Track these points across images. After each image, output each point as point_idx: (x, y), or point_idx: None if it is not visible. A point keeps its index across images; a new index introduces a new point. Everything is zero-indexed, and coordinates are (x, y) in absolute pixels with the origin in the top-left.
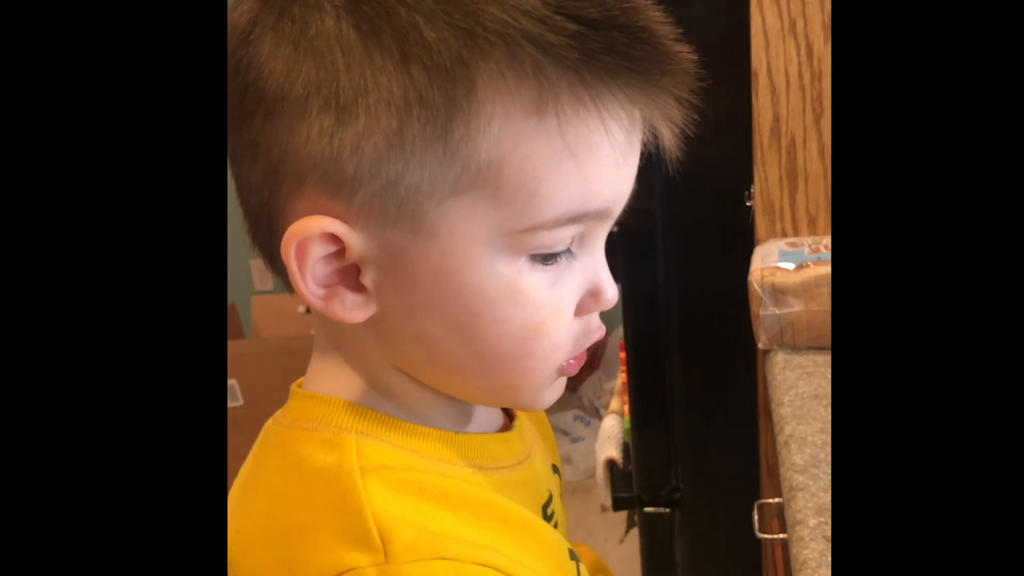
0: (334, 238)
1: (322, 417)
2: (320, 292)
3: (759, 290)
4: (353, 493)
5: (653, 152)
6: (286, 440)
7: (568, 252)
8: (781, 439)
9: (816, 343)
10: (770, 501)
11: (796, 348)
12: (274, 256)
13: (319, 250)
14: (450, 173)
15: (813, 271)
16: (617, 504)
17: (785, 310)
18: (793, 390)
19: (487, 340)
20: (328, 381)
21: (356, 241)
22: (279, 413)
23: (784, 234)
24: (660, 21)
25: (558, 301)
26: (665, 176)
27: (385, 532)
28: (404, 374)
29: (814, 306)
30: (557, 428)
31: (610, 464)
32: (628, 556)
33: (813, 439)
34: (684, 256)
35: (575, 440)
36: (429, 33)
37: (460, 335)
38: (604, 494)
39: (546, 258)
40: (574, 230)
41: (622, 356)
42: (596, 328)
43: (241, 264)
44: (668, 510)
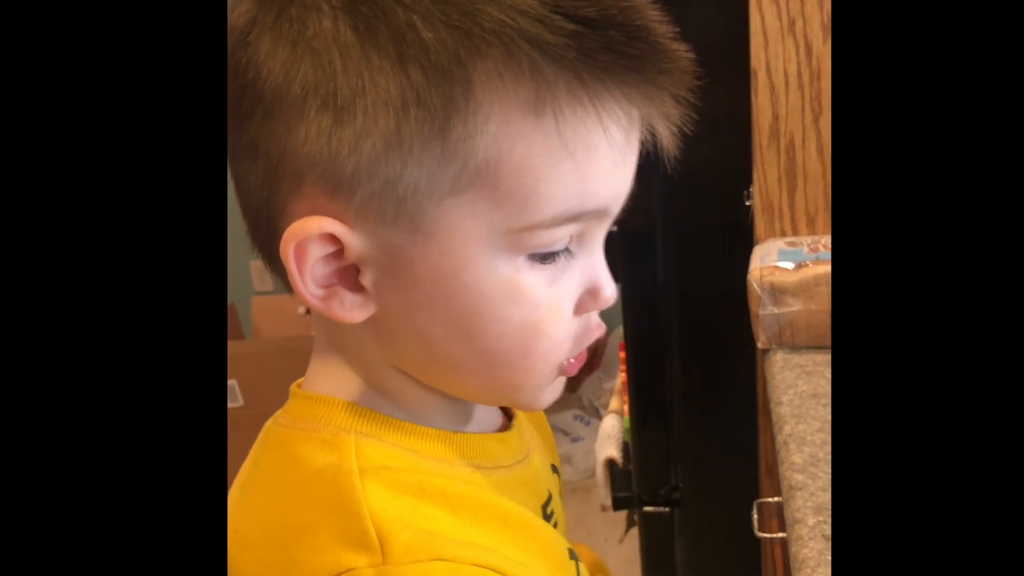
0: (333, 238)
1: (321, 417)
2: (319, 292)
3: (758, 289)
4: (351, 494)
5: (652, 152)
6: (285, 440)
7: (567, 251)
8: (780, 438)
9: (815, 342)
10: (769, 500)
11: (795, 347)
12: (274, 256)
13: (318, 250)
14: (448, 173)
15: (812, 270)
16: (617, 504)
17: (784, 309)
18: (792, 389)
19: (486, 339)
20: (327, 381)
21: (355, 241)
22: (278, 413)
23: (783, 233)
24: (657, 20)
25: (557, 300)
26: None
27: (383, 533)
28: (403, 374)
29: (813, 305)
30: (557, 428)
31: (610, 464)
32: (628, 555)
33: (812, 438)
34: (684, 256)
35: (575, 440)
36: (426, 33)
37: (459, 334)
38: (604, 494)
39: (544, 257)
40: (572, 229)
41: (622, 356)
42: (596, 326)
43: (241, 264)
44: (668, 509)
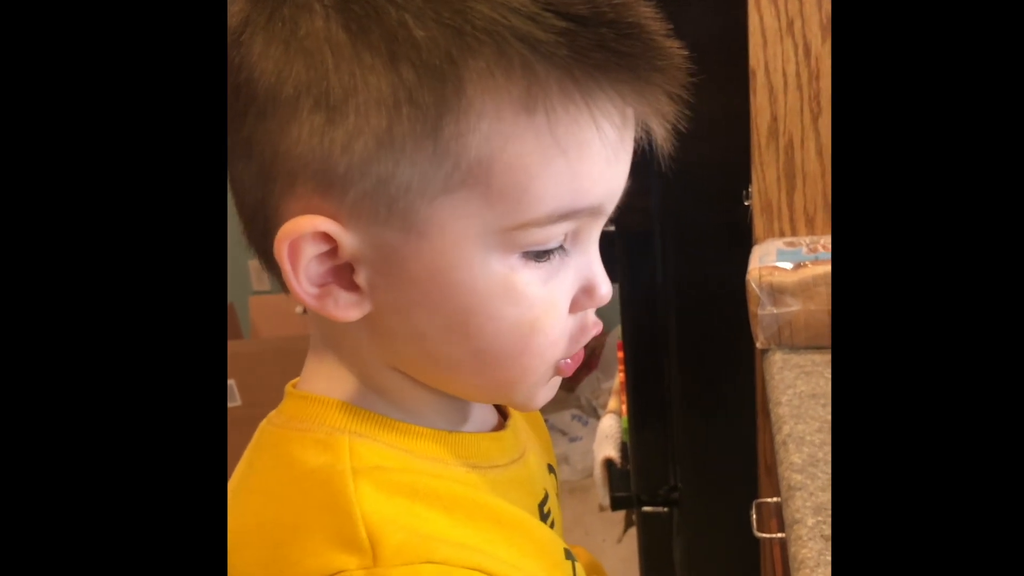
0: (326, 237)
1: (315, 417)
2: (314, 291)
3: (757, 289)
4: (344, 495)
5: (649, 150)
6: (279, 440)
7: (561, 249)
8: (779, 438)
9: (814, 342)
10: (768, 500)
11: (794, 347)
12: (269, 255)
13: (312, 249)
14: (440, 171)
15: (811, 270)
16: (615, 503)
17: (783, 309)
18: (791, 389)
19: (482, 338)
20: (322, 381)
21: (348, 240)
22: (273, 413)
23: (782, 234)
24: (650, 17)
25: (552, 298)
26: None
27: (374, 534)
28: (399, 373)
29: (812, 305)
30: (555, 428)
31: (608, 463)
32: (626, 555)
33: (811, 438)
34: (682, 256)
35: (573, 440)
36: (418, 32)
37: (454, 333)
38: (602, 493)
39: (539, 255)
40: (566, 227)
41: (620, 355)
42: (592, 324)
43: (239, 264)
44: (666, 509)
